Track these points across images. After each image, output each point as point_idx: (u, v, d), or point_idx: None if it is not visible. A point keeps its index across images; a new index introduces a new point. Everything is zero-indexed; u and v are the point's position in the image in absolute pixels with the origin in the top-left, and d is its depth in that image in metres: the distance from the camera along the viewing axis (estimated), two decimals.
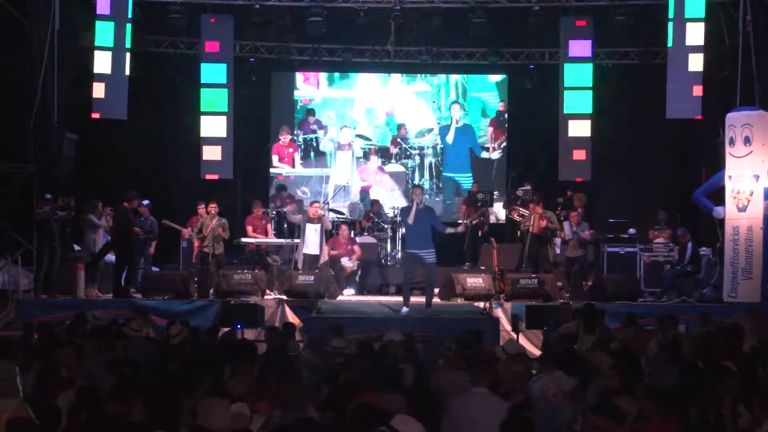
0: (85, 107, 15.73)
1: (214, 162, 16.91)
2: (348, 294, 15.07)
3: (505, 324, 12.91)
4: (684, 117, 15.66)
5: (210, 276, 14.11)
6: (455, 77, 19.13)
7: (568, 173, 16.93)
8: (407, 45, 17.94)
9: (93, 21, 15.71)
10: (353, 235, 16.06)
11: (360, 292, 15.38)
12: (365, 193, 18.64)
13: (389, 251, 16.60)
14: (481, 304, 13.41)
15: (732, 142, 13.49)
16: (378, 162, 18.93)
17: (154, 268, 15.56)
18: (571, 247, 14.85)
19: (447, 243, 14.76)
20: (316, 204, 15.24)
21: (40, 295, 13.64)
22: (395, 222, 16.36)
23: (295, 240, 15.05)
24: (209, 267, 14.20)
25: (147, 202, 15.03)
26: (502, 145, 18.93)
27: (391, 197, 18.55)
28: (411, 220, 12.46)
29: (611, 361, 6.54)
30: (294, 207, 16.64)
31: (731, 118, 13.62)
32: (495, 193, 17.45)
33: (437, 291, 13.80)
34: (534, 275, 14.11)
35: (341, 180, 18.66)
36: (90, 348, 7.96)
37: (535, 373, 7.13)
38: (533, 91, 18.36)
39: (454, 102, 19.10)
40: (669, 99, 15.45)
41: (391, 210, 16.96)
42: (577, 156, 16.85)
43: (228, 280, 13.89)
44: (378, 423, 4.79)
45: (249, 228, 15.37)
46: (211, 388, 6.13)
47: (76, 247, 14.82)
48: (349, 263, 15.26)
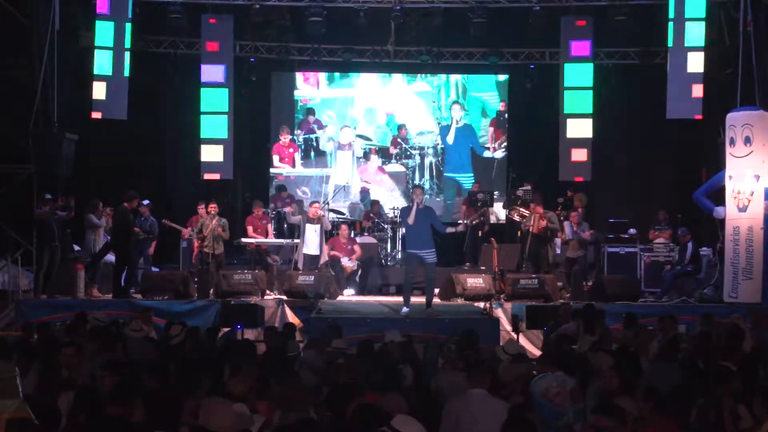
0: (85, 107, 15.75)
1: (214, 162, 16.91)
2: (348, 294, 15.05)
3: (506, 324, 12.91)
4: (684, 117, 15.64)
5: (210, 276, 14.10)
6: (455, 77, 19.12)
7: (568, 173, 16.92)
8: (407, 45, 17.95)
9: (93, 21, 15.75)
10: (353, 235, 16.05)
11: (360, 292, 15.36)
12: (365, 193, 18.61)
13: (389, 251, 16.59)
14: (482, 304, 13.39)
15: (732, 142, 13.49)
16: (378, 162, 18.92)
17: (154, 268, 15.55)
18: (572, 248, 14.84)
19: (447, 243, 14.74)
20: (315, 204, 15.25)
21: (40, 296, 13.64)
22: (395, 222, 16.35)
23: (295, 240, 15.06)
24: (209, 267, 14.19)
25: (147, 202, 15.03)
26: (502, 145, 18.92)
27: (392, 197, 18.52)
28: (411, 220, 12.46)
29: (611, 361, 6.53)
30: (293, 208, 16.61)
31: (731, 118, 13.62)
32: (495, 193, 17.43)
33: (437, 291, 13.80)
34: (534, 275, 14.11)
35: (341, 180, 18.63)
36: (90, 348, 7.95)
37: (536, 374, 7.12)
38: (533, 91, 18.34)
39: (454, 102, 19.08)
40: (669, 99, 15.44)
41: (391, 211, 16.94)
42: (577, 156, 16.83)
43: (228, 280, 13.88)
44: (378, 423, 4.79)
45: (249, 228, 15.36)
46: (211, 388, 6.13)
47: (76, 247, 14.82)
48: (350, 263, 15.25)
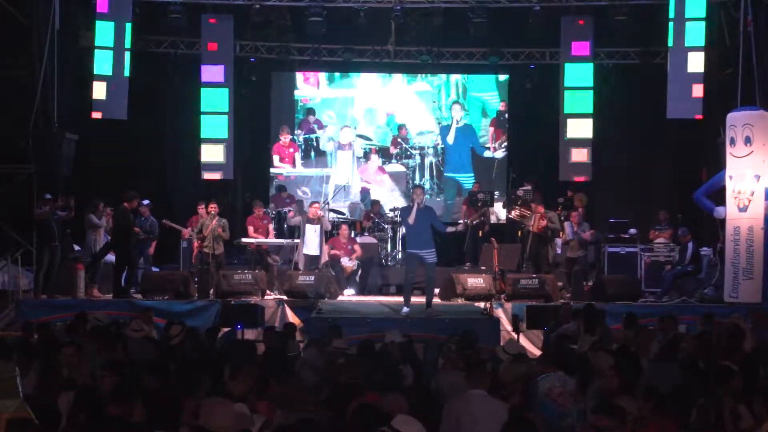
0: (85, 107, 15.75)
1: (214, 162, 16.92)
2: (348, 294, 15.05)
3: (506, 324, 12.90)
4: (684, 117, 15.63)
5: (210, 276, 14.09)
6: (455, 77, 19.10)
7: (568, 173, 16.93)
8: (407, 45, 17.94)
9: (93, 21, 15.74)
10: (353, 235, 16.05)
11: (360, 292, 15.35)
12: (365, 193, 18.61)
13: (389, 251, 16.58)
14: (482, 304, 13.39)
15: (733, 142, 13.49)
16: (378, 162, 18.91)
17: (154, 268, 15.55)
18: (572, 248, 14.83)
19: (447, 243, 14.74)
20: (315, 204, 15.25)
21: (40, 296, 13.64)
22: (395, 222, 16.34)
23: (296, 240, 15.06)
24: (209, 267, 14.18)
25: (147, 202, 15.03)
26: (502, 145, 18.91)
27: (392, 197, 18.51)
28: (411, 220, 12.45)
29: (611, 361, 6.52)
30: (295, 210, 16.59)
31: (732, 118, 13.62)
32: (495, 193, 17.43)
33: (438, 291, 13.79)
34: (535, 275, 14.10)
35: (341, 180, 18.62)
36: (90, 348, 7.94)
37: (536, 373, 7.10)
38: (533, 91, 18.34)
39: (454, 102, 19.07)
40: (669, 99, 15.43)
41: (391, 212, 16.92)
42: (577, 156, 16.84)
43: (228, 280, 13.87)
44: (378, 423, 4.78)
45: (250, 228, 15.36)
46: (211, 388, 6.12)
47: (76, 247, 14.82)
48: (350, 263, 15.24)
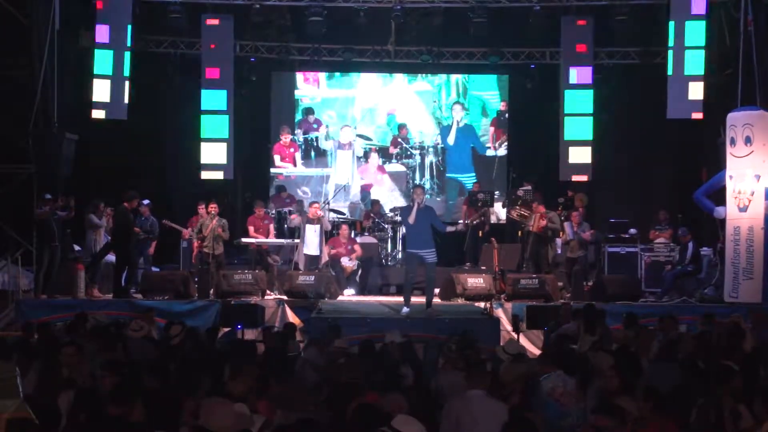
0: (85, 107, 15.74)
1: (214, 162, 16.90)
2: (348, 294, 15.05)
3: (506, 324, 12.90)
4: (684, 117, 15.63)
5: (210, 276, 14.09)
6: (456, 77, 19.09)
7: (568, 173, 16.92)
8: (408, 45, 17.93)
9: (93, 21, 15.72)
10: (353, 235, 16.04)
11: (360, 292, 15.35)
12: (366, 193, 18.60)
13: (390, 251, 16.58)
14: (482, 304, 13.39)
15: (733, 142, 13.49)
16: (378, 162, 18.90)
17: (154, 268, 15.54)
18: (572, 248, 14.83)
19: (447, 243, 14.74)
20: (315, 205, 15.24)
21: (40, 296, 13.64)
22: (395, 222, 16.34)
23: (296, 240, 15.06)
24: (209, 267, 14.18)
25: (147, 202, 15.03)
26: (503, 145, 18.91)
27: (392, 197, 18.51)
28: (411, 219, 12.45)
29: (611, 361, 6.52)
30: (294, 209, 16.59)
31: (732, 118, 13.62)
32: (496, 193, 17.43)
33: (438, 291, 13.79)
34: (535, 275, 14.10)
35: (342, 180, 18.62)
36: (90, 348, 7.94)
37: (537, 373, 7.10)
38: (533, 91, 18.35)
39: (455, 102, 19.06)
40: (669, 99, 15.43)
41: (391, 212, 16.91)
42: (578, 156, 16.82)
43: (228, 280, 13.87)
44: (378, 423, 4.78)
45: (251, 228, 15.36)
46: (211, 388, 6.12)
47: (76, 247, 14.82)
48: (350, 263, 15.24)
